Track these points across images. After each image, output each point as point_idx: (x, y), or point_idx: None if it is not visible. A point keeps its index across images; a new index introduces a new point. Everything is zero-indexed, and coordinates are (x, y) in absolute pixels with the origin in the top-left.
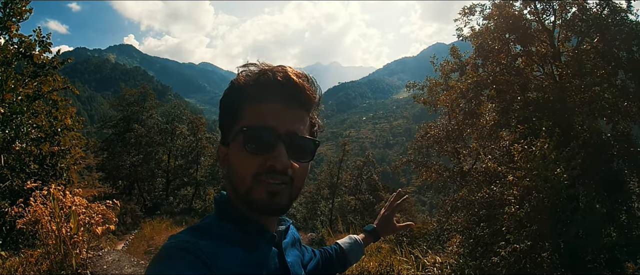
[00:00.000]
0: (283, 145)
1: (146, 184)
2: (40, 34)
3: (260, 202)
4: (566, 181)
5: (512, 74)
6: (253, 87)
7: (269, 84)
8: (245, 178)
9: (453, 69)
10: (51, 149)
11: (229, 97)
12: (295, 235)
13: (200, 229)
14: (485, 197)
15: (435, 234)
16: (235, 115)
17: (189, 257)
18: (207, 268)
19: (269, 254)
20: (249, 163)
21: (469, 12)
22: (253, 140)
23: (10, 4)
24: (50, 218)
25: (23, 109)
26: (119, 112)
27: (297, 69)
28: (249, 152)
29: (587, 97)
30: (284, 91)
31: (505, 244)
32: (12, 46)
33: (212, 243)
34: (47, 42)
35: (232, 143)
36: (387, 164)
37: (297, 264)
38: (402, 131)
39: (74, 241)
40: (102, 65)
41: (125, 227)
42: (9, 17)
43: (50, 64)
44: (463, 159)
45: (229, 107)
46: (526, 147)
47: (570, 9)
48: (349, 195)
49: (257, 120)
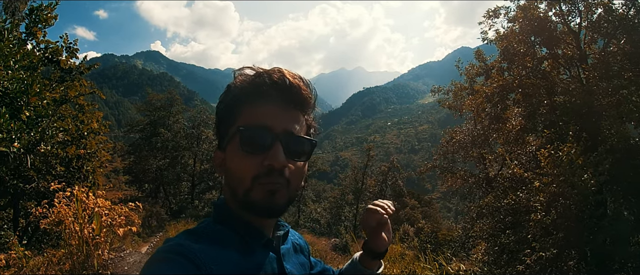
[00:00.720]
0: (280, 144)
1: (172, 187)
2: (67, 40)
3: (260, 203)
4: (593, 187)
5: (538, 77)
6: (248, 89)
7: (265, 85)
8: (243, 180)
9: (478, 73)
10: (77, 152)
11: (224, 101)
12: (297, 242)
13: (196, 232)
14: (511, 203)
15: (460, 240)
16: (231, 119)
17: (182, 260)
18: (200, 271)
19: (266, 259)
20: (246, 164)
21: (493, 15)
22: (250, 140)
23: (36, 11)
24: (74, 219)
25: (49, 112)
26: (145, 116)
27: (292, 71)
28: (246, 153)
29: (614, 101)
30: (279, 92)
31: (530, 252)
32: (38, 52)
33: (207, 246)
34: (74, 48)
35: (228, 146)
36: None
37: (298, 272)
38: (427, 136)
39: (96, 242)
40: (130, 71)
41: (150, 229)
42: (35, 24)
43: (77, 70)
44: (489, 165)
45: (225, 110)
46: (553, 153)
47: (596, 10)
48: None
49: (254, 121)
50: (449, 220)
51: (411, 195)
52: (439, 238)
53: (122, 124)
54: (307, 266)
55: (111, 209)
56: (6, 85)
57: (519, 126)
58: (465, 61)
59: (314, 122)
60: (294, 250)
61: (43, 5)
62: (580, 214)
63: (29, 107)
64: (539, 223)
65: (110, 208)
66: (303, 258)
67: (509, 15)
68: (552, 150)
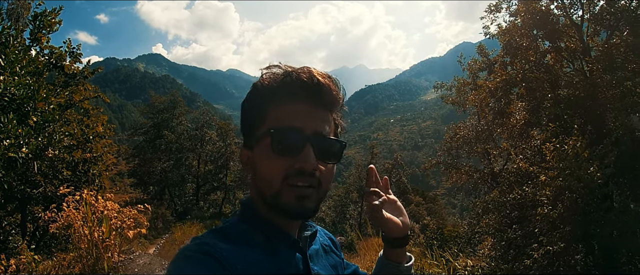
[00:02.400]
0: (311, 146)
1: (177, 189)
2: (70, 45)
3: (289, 206)
4: (600, 180)
5: (542, 71)
6: (278, 89)
7: (294, 85)
8: (272, 182)
9: (481, 68)
10: (83, 156)
11: (252, 100)
12: (326, 242)
13: (222, 231)
14: (517, 198)
15: (466, 237)
16: (260, 118)
17: (209, 259)
18: (226, 270)
19: (292, 259)
20: (276, 166)
21: (495, 10)
22: (281, 142)
23: (40, 16)
24: (83, 222)
25: (55, 117)
26: (149, 119)
27: (321, 71)
28: (277, 155)
29: (619, 93)
30: (309, 92)
31: (537, 246)
32: (43, 57)
33: (233, 246)
34: (78, 53)
35: (256, 146)
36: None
37: (328, 274)
38: (430, 133)
39: (106, 245)
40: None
41: (156, 231)
42: (39, 29)
43: (81, 74)
44: (493, 160)
45: (253, 109)
46: (558, 146)
47: (598, 2)
48: None
49: (284, 122)
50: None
51: (415, 192)
52: (444, 234)
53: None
54: (341, 266)
55: (120, 212)
56: (13, 91)
57: (523, 120)
58: (467, 56)
59: (342, 121)
60: (323, 251)
61: (47, 11)
62: (587, 207)
63: (36, 112)
64: (546, 217)
65: (118, 211)
66: (336, 258)
67: (511, 9)
68: (557, 144)
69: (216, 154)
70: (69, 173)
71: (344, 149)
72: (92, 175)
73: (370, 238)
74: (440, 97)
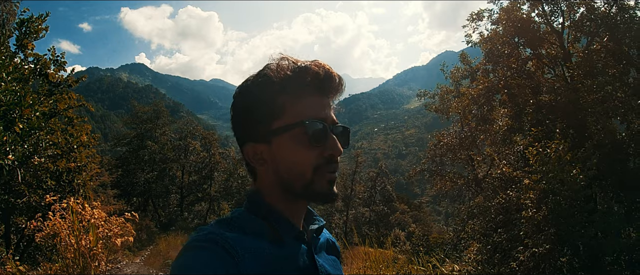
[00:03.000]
0: (332, 134)
1: (160, 200)
2: (54, 53)
3: (323, 192)
4: (583, 182)
5: (523, 77)
6: (295, 82)
7: (311, 77)
8: (305, 171)
9: (464, 76)
10: (68, 165)
11: (266, 92)
12: (332, 240)
13: (229, 221)
14: (501, 202)
15: (452, 242)
16: (277, 111)
17: (216, 248)
18: (234, 259)
19: (298, 251)
20: (309, 156)
21: (477, 18)
22: (314, 133)
23: (26, 23)
24: (69, 231)
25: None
26: (132, 129)
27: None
28: (310, 145)
29: (599, 97)
30: (323, 84)
31: (523, 249)
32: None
33: (240, 236)
34: (62, 61)
35: (277, 138)
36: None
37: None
38: (414, 141)
39: (93, 254)
40: (115, 84)
41: (140, 243)
42: (26, 36)
43: (65, 83)
44: (477, 166)
45: (268, 102)
46: (541, 150)
47: (578, 9)
48: (364, 207)
49: (312, 113)
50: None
51: (401, 199)
52: (430, 241)
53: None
54: (340, 268)
55: (107, 221)
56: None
57: (506, 126)
58: (449, 65)
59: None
60: (327, 247)
61: (33, 18)
62: (571, 209)
63: (22, 119)
64: (530, 220)
65: (106, 219)
66: (335, 258)
67: (492, 17)
68: (539, 148)
69: (200, 164)
70: (53, 183)
71: (349, 134)
72: (77, 185)
73: (357, 247)
74: (424, 106)
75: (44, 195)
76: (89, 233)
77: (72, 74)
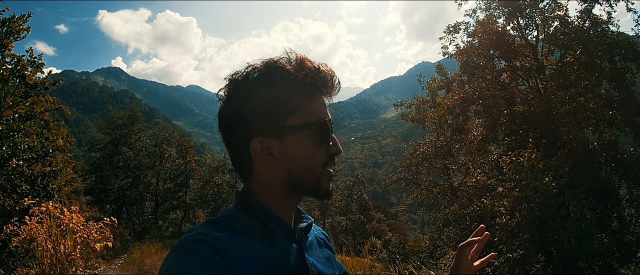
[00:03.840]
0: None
1: (135, 207)
2: (32, 55)
3: (326, 188)
4: (555, 190)
5: (498, 88)
6: (312, 82)
7: (322, 79)
8: (315, 169)
9: (440, 87)
10: (43, 170)
11: (282, 88)
12: (320, 236)
13: (219, 221)
14: (476, 210)
15: (429, 250)
16: (292, 108)
17: (206, 249)
18: (225, 260)
19: (289, 250)
20: (320, 154)
21: (453, 30)
22: (325, 132)
23: (8, 22)
24: (47, 236)
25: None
26: (107, 135)
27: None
28: (322, 144)
29: (572, 108)
30: (329, 86)
31: (498, 255)
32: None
33: (230, 235)
34: (40, 63)
35: (291, 136)
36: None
37: (322, 265)
38: (390, 150)
39: (72, 259)
40: (90, 88)
41: (114, 251)
42: (7, 36)
43: (41, 85)
44: (453, 175)
45: (284, 99)
46: (514, 159)
47: (552, 23)
48: (340, 216)
49: (321, 114)
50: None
51: (377, 208)
52: (407, 249)
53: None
54: (334, 261)
55: (85, 226)
56: None
57: (481, 136)
58: (426, 75)
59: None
60: (317, 243)
61: (15, 17)
62: (544, 216)
63: (1, 120)
64: (505, 226)
65: (84, 224)
66: (328, 252)
67: (469, 30)
68: (513, 157)
69: (176, 171)
70: (28, 187)
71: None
72: (52, 190)
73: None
74: (400, 115)
75: (18, 199)
76: (67, 238)
77: (49, 76)
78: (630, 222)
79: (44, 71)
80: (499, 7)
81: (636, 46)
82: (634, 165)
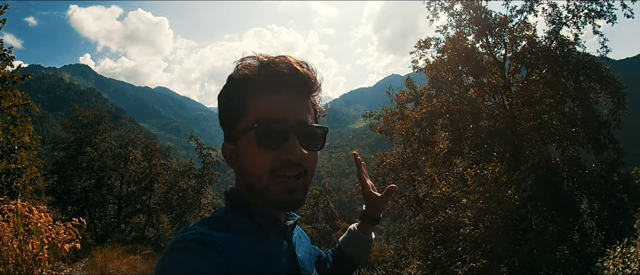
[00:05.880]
0: (295, 136)
1: (97, 210)
2: (2, 47)
3: (278, 199)
4: (517, 202)
5: (465, 104)
6: (258, 80)
7: (274, 75)
8: (260, 175)
9: (408, 99)
10: (8, 167)
11: (231, 91)
12: (301, 232)
13: (214, 220)
14: (441, 220)
15: (394, 260)
16: (240, 111)
17: (205, 249)
18: (224, 260)
19: (281, 247)
20: (262, 159)
21: (424, 45)
22: (266, 135)
23: None
24: (12, 235)
25: None
26: (71, 134)
27: (296, 58)
28: (262, 148)
29: (536, 124)
30: (290, 81)
31: (461, 264)
32: None
33: (226, 234)
34: (10, 56)
35: (240, 140)
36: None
37: (308, 260)
38: None
39: (39, 259)
40: (56, 84)
41: (75, 254)
42: None
43: (10, 79)
44: (418, 186)
45: (232, 102)
46: (478, 172)
47: (521, 42)
48: (306, 224)
49: (267, 114)
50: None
51: (343, 217)
52: (371, 259)
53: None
54: (315, 255)
55: (53, 226)
56: None
57: (447, 149)
58: (395, 88)
59: (319, 105)
60: (299, 238)
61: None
62: (507, 227)
63: None
64: (468, 237)
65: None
66: (310, 246)
67: (439, 45)
68: (477, 170)
69: (140, 174)
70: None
71: (327, 134)
72: (15, 188)
73: None
74: (369, 126)
75: None
76: (34, 237)
77: (17, 70)
78: (591, 235)
79: (13, 65)
80: (470, 24)
81: (601, 67)
82: (595, 181)
